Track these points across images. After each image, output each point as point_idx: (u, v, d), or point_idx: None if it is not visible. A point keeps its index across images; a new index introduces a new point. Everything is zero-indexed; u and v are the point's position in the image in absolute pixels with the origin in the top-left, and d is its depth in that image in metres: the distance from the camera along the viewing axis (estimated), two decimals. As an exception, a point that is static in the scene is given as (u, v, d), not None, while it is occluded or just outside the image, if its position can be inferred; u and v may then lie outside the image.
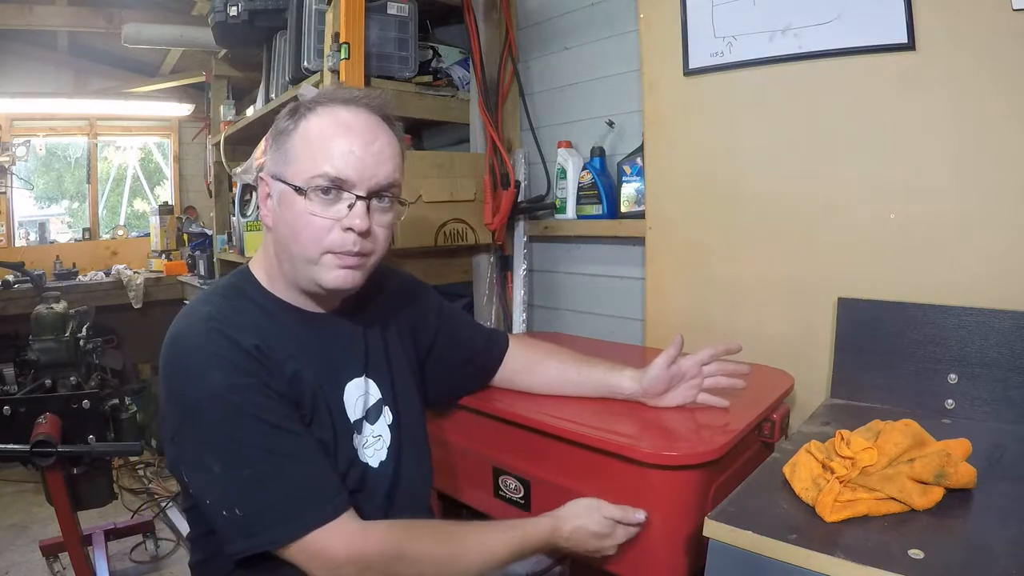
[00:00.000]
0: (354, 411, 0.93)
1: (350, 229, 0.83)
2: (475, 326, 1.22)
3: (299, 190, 0.83)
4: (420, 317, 1.10)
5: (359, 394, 0.94)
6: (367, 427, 0.94)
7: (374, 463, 0.94)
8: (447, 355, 1.13)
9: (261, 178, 0.89)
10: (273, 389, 0.81)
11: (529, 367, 1.18)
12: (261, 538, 0.77)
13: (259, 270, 0.93)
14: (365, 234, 0.84)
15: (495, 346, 1.19)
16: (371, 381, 0.96)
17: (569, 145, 1.85)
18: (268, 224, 0.89)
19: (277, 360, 0.84)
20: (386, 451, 0.95)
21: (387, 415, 0.97)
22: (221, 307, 0.86)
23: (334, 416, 0.90)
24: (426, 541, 0.84)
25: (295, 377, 0.85)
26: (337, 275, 0.85)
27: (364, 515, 0.87)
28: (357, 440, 0.93)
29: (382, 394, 0.97)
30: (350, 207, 0.83)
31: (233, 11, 2.00)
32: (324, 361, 0.91)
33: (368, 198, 0.84)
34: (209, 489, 0.79)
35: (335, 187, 0.83)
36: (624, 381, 1.09)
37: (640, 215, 1.65)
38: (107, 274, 3.91)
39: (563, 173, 1.82)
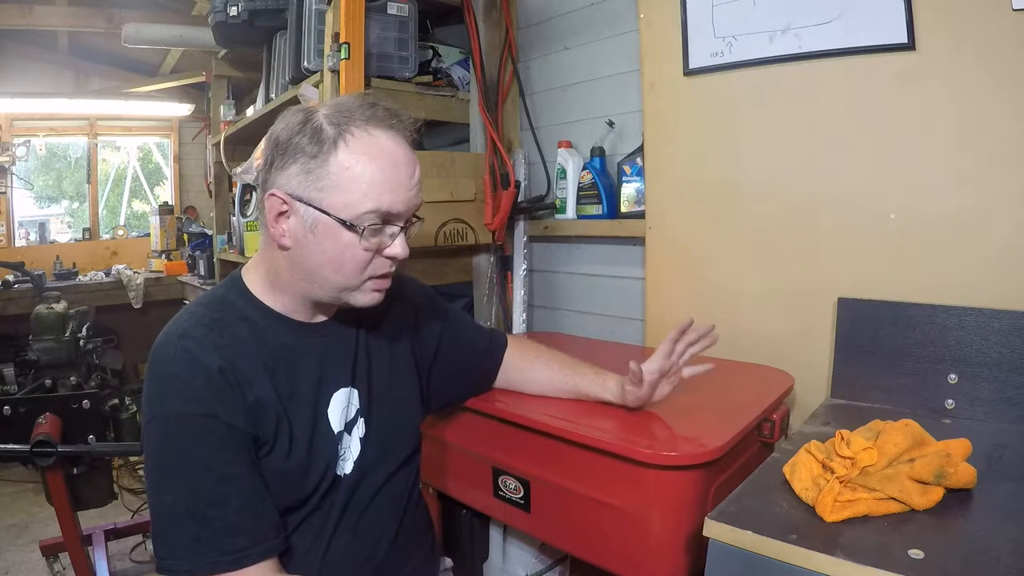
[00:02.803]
0: (338, 423, 0.93)
1: (393, 257, 0.86)
2: (478, 329, 1.21)
3: (349, 226, 0.82)
4: (424, 325, 1.09)
5: (343, 405, 0.94)
6: (346, 438, 0.94)
7: (342, 473, 0.93)
8: (453, 360, 1.12)
9: (275, 195, 0.83)
10: (224, 421, 0.80)
11: (519, 369, 1.18)
12: (164, 563, 0.79)
13: (255, 282, 0.91)
14: None
15: (496, 348, 1.19)
16: (355, 391, 0.96)
17: (569, 145, 1.85)
18: (284, 244, 0.85)
19: (241, 385, 0.83)
20: (352, 463, 0.94)
21: (360, 427, 0.96)
22: (201, 321, 0.86)
23: (315, 430, 0.90)
24: None
25: (257, 403, 0.84)
26: (372, 297, 0.88)
27: (328, 524, 0.90)
28: (339, 451, 0.92)
29: (360, 404, 0.96)
30: (391, 236, 0.85)
31: (233, 11, 1.99)
32: (310, 374, 0.90)
33: (407, 226, 0.87)
34: (147, 498, 0.84)
35: (384, 222, 0.84)
36: (606, 395, 1.09)
37: (640, 215, 1.65)
38: (107, 274, 3.91)
39: (563, 173, 1.82)
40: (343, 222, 0.81)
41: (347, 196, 0.81)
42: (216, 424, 0.80)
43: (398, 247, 0.85)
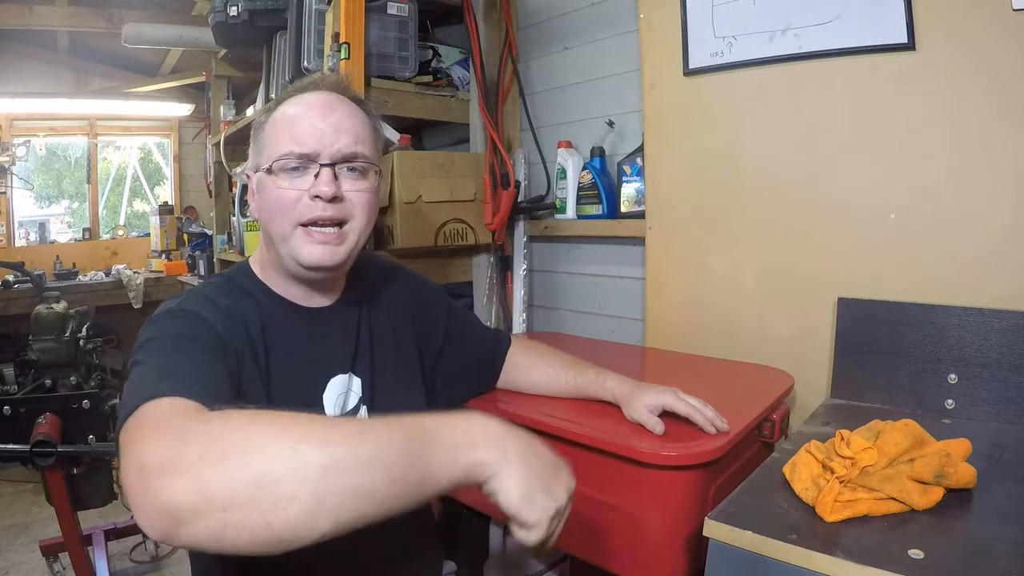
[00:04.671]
0: (333, 408, 0.93)
1: (318, 196, 0.85)
2: (484, 329, 1.21)
3: (269, 171, 0.86)
4: (429, 320, 1.09)
5: (341, 391, 0.94)
6: None
7: None
8: (458, 360, 1.12)
9: (248, 175, 0.93)
10: (219, 334, 0.80)
11: (522, 370, 1.18)
12: (120, 418, 0.66)
13: (255, 264, 0.96)
14: (335, 200, 0.86)
15: (500, 347, 1.19)
16: (356, 378, 0.96)
17: (569, 145, 1.85)
18: (256, 217, 0.93)
19: (247, 328, 0.85)
20: None
21: (363, 416, 0.95)
22: (210, 286, 0.90)
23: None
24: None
25: (249, 359, 0.84)
26: (314, 250, 0.86)
27: None
28: None
29: (362, 392, 0.96)
30: (316, 176, 0.85)
31: (233, 11, 1.99)
32: (307, 357, 0.91)
33: (332, 165, 0.86)
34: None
35: (301, 162, 0.85)
36: (606, 396, 1.09)
37: (640, 215, 1.65)
38: (107, 274, 3.92)
39: (563, 173, 1.82)
40: (266, 170, 0.87)
41: (271, 148, 0.87)
42: (211, 329, 0.80)
43: (321, 184, 0.84)
